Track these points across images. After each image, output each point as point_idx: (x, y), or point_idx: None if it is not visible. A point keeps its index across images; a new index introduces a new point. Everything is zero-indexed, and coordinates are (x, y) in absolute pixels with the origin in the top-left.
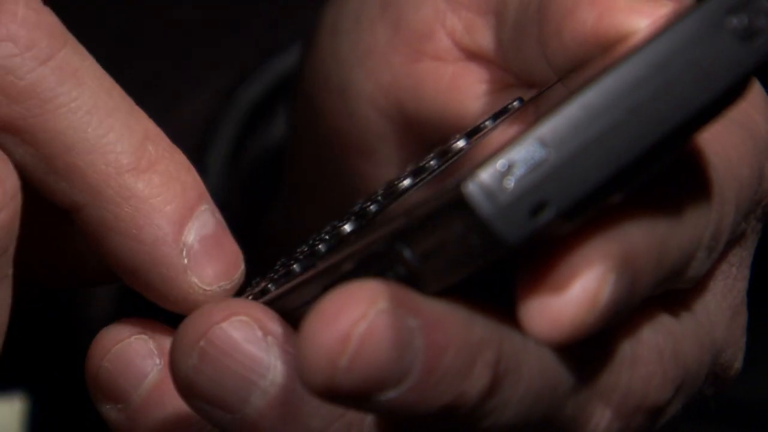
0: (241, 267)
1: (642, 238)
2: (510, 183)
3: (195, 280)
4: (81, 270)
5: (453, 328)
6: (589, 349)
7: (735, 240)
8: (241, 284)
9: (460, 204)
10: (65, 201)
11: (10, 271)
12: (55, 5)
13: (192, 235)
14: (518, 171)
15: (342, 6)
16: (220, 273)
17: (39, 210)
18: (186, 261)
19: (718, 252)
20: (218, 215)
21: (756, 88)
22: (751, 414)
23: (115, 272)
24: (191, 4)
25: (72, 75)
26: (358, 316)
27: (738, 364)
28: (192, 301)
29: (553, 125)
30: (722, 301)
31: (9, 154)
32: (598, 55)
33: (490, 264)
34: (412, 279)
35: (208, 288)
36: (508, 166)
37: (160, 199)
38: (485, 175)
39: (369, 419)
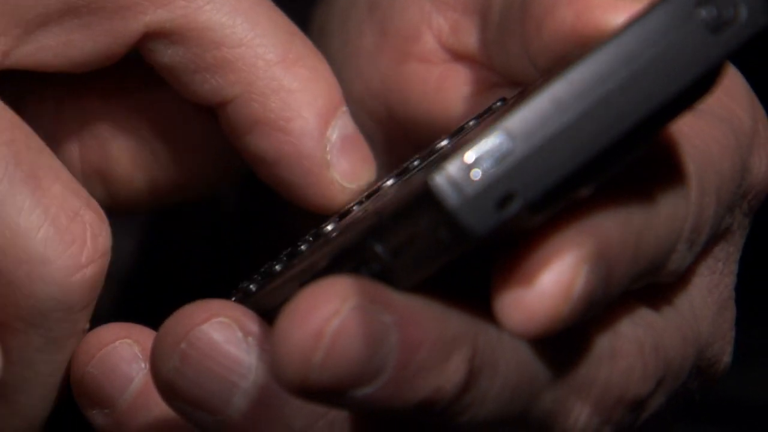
0: (375, 170)
1: (616, 229)
2: (477, 175)
3: (336, 176)
4: (211, 179)
5: (427, 323)
6: (566, 343)
7: (720, 235)
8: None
9: (427, 197)
10: (214, 97)
11: (86, 327)
12: None
13: (335, 133)
14: (485, 163)
15: (330, 8)
16: (359, 172)
17: (176, 119)
18: (329, 157)
19: (699, 245)
20: (353, 122)
21: (740, 83)
22: (748, 414)
23: (256, 166)
24: None
25: None
26: (331, 313)
27: (727, 358)
28: (330, 197)
29: (519, 117)
30: (708, 296)
31: (159, 57)
32: (577, 52)
33: (459, 257)
34: (386, 275)
35: (347, 185)
36: (475, 158)
37: (309, 93)
38: (452, 167)
39: (352, 418)
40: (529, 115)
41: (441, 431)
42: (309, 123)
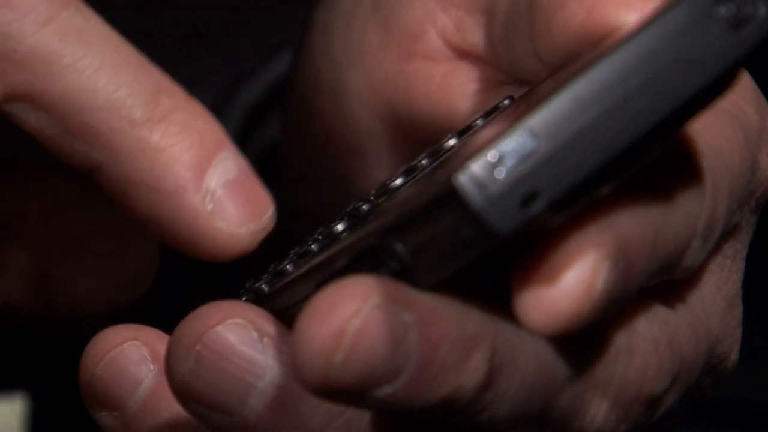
0: (270, 209)
1: (635, 227)
2: (501, 174)
3: (221, 224)
4: (87, 304)
5: (448, 322)
6: (584, 341)
7: (729, 232)
8: (271, 227)
9: (451, 196)
10: (84, 162)
11: None
12: None
13: (214, 180)
14: (509, 162)
15: (334, 6)
16: (247, 215)
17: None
18: (210, 207)
19: (713, 242)
20: (242, 162)
21: (746, 79)
22: (751, 414)
23: (146, 228)
24: (192, 4)
25: (76, 35)
26: (352, 312)
27: (734, 355)
28: (221, 246)
29: (543, 116)
30: (717, 293)
31: (24, 121)
32: (588, 50)
33: (482, 256)
34: (406, 274)
35: (235, 231)
36: (498, 157)
37: (178, 148)
38: (476, 166)
39: (369, 416)
40: (552, 114)
41: (460, 429)
42: (181, 177)
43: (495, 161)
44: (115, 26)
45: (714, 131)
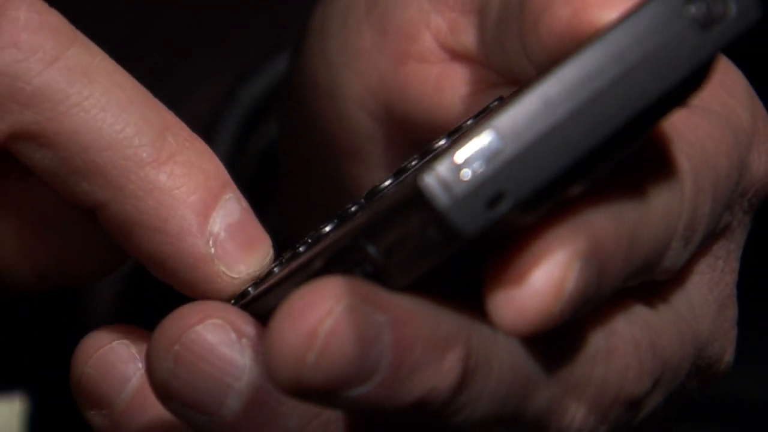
0: (269, 253)
1: (609, 226)
2: (467, 175)
3: (222, 268)
4: (99, 268)
5: (420, 322)
6: (561, 342)
7: (720, 233)
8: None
9: (417, 197)
10: (88, 200)
11: None
12: (55, 7)
13: (217, 224)
14: (475, 163)
15: (330, 7)
16: (248, 260)
17: (60, 212)
18: (213, 250)
19: (695, 243)
20: (244, 203)
21: (740, 80)
22: (750, 413)
23: (145, 266)
24: (193, 3)
25: (82, 73)
26: (324, 313)
27: (728, 357)
28: (221, 290)
29: (508, 116)
30: (708, 294)
31: (29, 159)
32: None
33: (451, 257)
34: (379, 275)
35: (236, 276)
36: (464, 158)
37: (183, 190)
38: (441, 167)
39: (346, 417)
40: (519, 114)
41: (436, 431)
42: (186, 220)
43: (461, 162)
44: (117, 26)
45: (699, 132)
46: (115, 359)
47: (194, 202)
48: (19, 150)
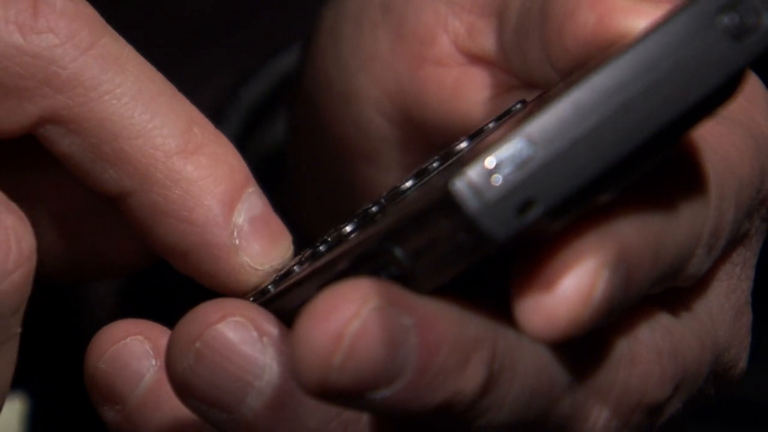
0: (291, 247)
1: (637, 234)
2: (497, 180)
3: (246, 260)
4: (115, 262)
5: (446, 326)
6: (585, 347)
7: (738, 240)
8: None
9: (448, 202)
10: (113, 188)
11: (19, 330)
12: None
13: (242, 216)
14: (506, 169)
15: (341, 9)
16: (270, 252)
17: (80, 202)
18: (237, 241)
19: (718, 250)
20: (264, 198)
21: (760, 88)
22: (754, 414)
23: (166, 257)
24: (194, 3)
25: (114, 62)
26: (351, 315)
27: (743, 363)
28: (244, 281)
29: (540, 123)
30: (725, 301)
31: (56, 145)
32: (598, 55)
33: (479, 262)
34: (405, 278)
35: (259, 267)
36: (495, 164)
37: (210, 181)
38: (473, 172)
39: (365, 418)
40: (550, 121)
41: None
42: (212, 211)
43: (492, 168)
44: (118, 23)
45: (722, 140)
46: (130, 355)
47: (220, 193)
48: (47, 135)
